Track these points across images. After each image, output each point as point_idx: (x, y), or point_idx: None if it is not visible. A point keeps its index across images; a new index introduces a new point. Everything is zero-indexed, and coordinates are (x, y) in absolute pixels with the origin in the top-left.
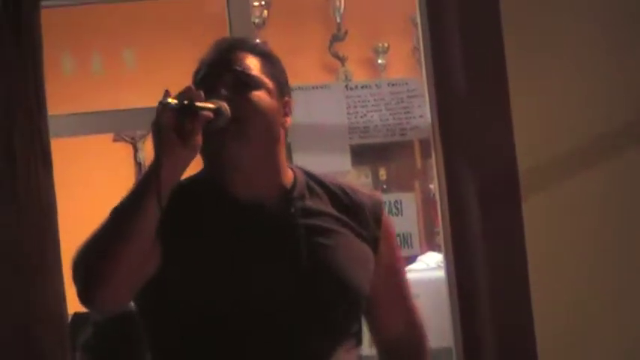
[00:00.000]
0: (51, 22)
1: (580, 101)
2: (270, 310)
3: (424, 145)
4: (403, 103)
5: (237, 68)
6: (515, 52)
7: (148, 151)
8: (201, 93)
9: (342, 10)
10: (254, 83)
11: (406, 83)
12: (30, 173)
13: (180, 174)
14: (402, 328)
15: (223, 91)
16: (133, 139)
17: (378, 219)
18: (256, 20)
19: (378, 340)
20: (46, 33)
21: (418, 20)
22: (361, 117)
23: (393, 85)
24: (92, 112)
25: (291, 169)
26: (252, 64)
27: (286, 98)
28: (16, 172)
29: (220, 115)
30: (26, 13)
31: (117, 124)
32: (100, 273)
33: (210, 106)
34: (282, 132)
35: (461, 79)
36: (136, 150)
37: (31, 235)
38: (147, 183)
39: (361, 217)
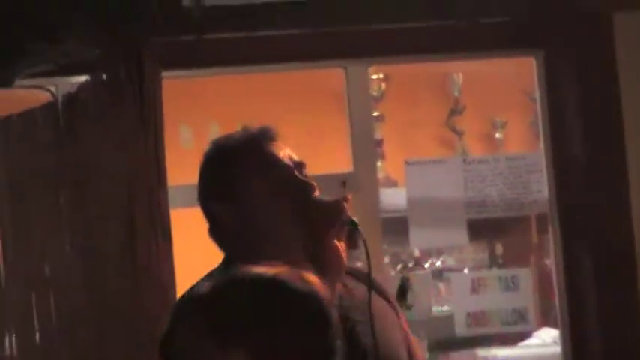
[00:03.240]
0: (169, 92)
1: None
2: None
3: (541, 220)
4: (521, 178)
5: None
6: (635, 126)
7: None
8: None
9: (460, 84)
10: None
11: (524, 158)
12: (150, 246)
13: None
14: None
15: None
16: None
17: None
18: (375, 93)
19: None
20: (164, 104)
21: (537, 95)
22: (478, 191)
23: (511, 159)
24: None
25: None
26: None
27: None
28: (136, 245)
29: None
30: (149, 85)
31: None
32: None
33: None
34: None
35: (579, 154)
36: None
37: (150, 306)
38: None
39: None
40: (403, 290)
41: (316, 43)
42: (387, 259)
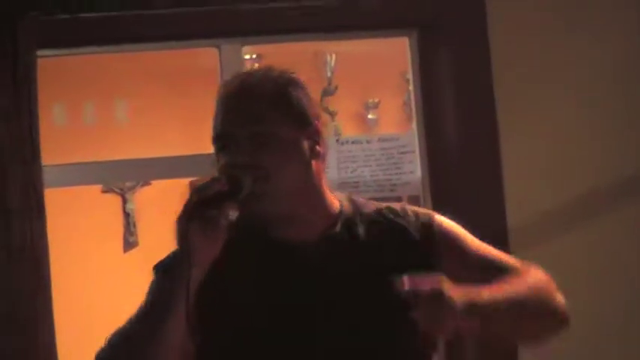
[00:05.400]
0: (44, 71)
1: (571, 156)
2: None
3: (413, 201)
4: (394, 159)
5: (250, 128)
6: (507, 107)
7: (136, 202)
8: (212, 181)
9: (332, 64)
10: (270, 138)
11: (397, 139)
12: (24, 224)
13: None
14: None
15: (238, 156)
16: (122, 190)
17: (428, 232)
18: None
19: None
20: (39, 83)
21: (410, 76)
22: (351, 172)
23: (383, 140)
24: (83, 163)
25: (338, 198)
26: (266, 112)
27: (315, 123)
28: (10, 223)
29: (241, 183)
30: (24, 63)
31: (107, 175)
32: None
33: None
34: (315, 164)
35: (451, 134)
36: (124, 201)
37: (23, 285)
38: (178, 291)
39: (403, 240)
40: None
41: (190, 22)
42: None
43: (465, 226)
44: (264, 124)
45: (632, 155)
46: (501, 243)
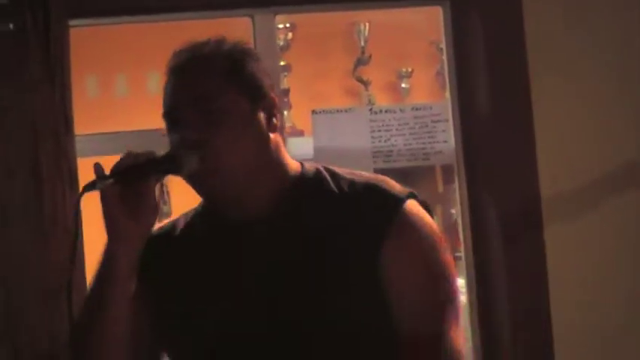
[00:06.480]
0: (77, 43)
1: (605, 128)
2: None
3: (447, 170)
4: (427, 128)
5: (201, 104)
6: (541, 77)
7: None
8: (146, 153)
9: (366, 34)
10: (222, 114)
11: (430, 108)
12: (56, 194)
13: (141, 245)
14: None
15: (188, 133)
16: None
17: (377, 233)
18: (281, 43)
19: None
20: (72, 54)
21: (443, 45)
22: (385, 141)
23: (417, 109)
24: (115, 132)
25: (306, 170)
26: (217, 87)
27: (270, 96)
28: (42, 193)
29: (181, 161)
30: (55, 32)
31: (139, 144)
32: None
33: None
34: (274, 137)
35: (485, 104)
36: None
37: (56, 256)
38: (105, 274)
39: (357, 228)
40: None
41: None
42: None
43: (499, 195)
44: (216, 99)
45: None
46: (534, 213)
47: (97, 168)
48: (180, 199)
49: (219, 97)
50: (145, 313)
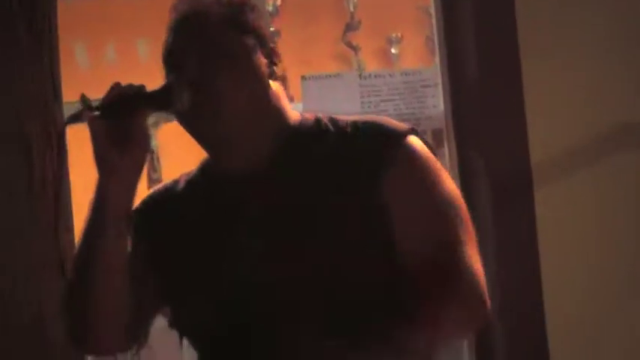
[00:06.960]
0: (65, 12)
1: (594, 92)
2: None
3: (437, 134)
4: (416, 93)
5: (198, 44)
6: (530, 41)
7: (160, 139)
8: (136, 86)
9: None
10: (219, 54)
11: (420, 73)
12: (45, 161)
13: (134, 185)
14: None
15: (185, 71)
16: None
17: (381, 164)
18: (270, 8)
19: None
20: (60, 23)
21: (432, 10)
22: (374, 106)
23: (406, 74)
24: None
25: (307, 120)
26: (216, 29)
27: (270, 45)
28: (31, 161)
29: (176, 96)
30: (42, 1)
31: None
32: (80, 329)
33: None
34: (272, 85)
35: (474, 69)
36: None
37: (45, 222)
38: (97, 215)
39: (356, 168)
40: None
41: None
42: None
43: (489, 159)
44: (217, 43)
45: None
46: (524, 177)
47: (83, 99)
48: (171, 166)
49: (219, 40)
50: (145, 269)
